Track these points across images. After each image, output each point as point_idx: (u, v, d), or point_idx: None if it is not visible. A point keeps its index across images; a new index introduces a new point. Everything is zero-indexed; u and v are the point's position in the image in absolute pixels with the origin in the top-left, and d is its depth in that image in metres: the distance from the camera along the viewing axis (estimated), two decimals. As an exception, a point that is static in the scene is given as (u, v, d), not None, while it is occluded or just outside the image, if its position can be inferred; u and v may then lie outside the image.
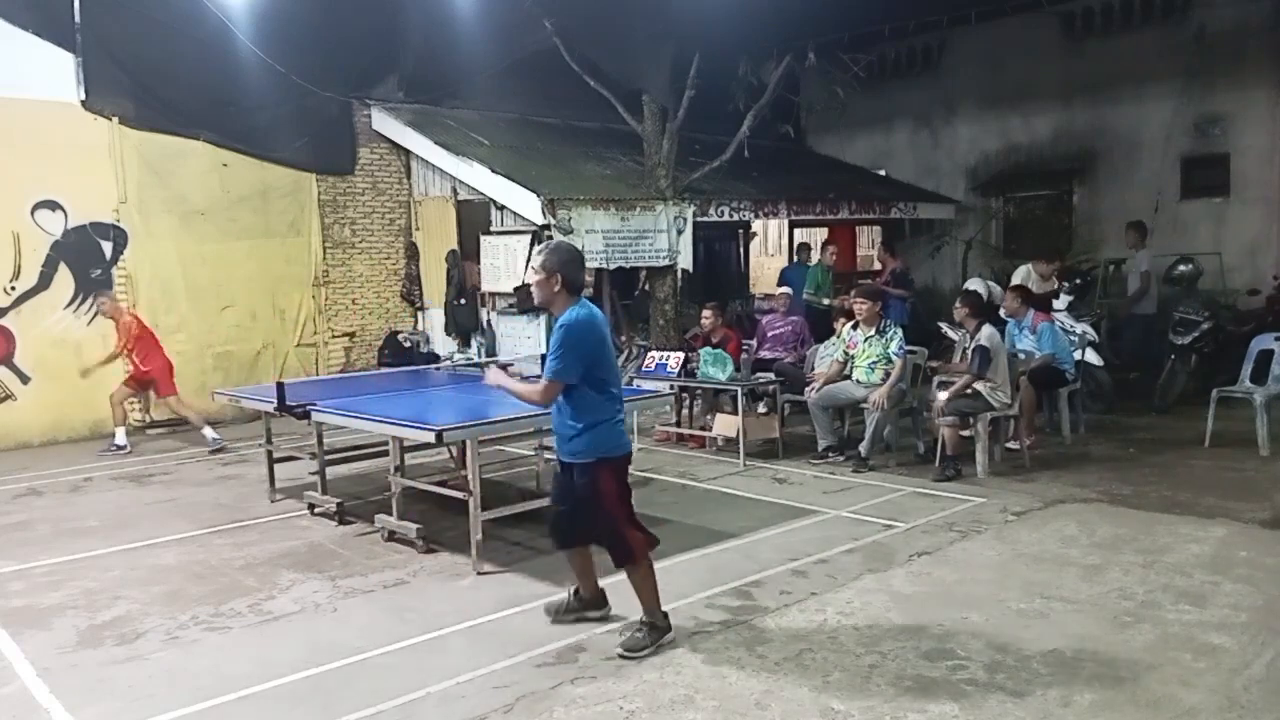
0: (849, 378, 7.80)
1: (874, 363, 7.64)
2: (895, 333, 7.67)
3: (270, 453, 7.17)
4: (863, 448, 7.48)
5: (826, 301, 11.16)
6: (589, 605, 4.51)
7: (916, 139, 15.45)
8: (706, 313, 8.98)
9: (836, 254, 12.43)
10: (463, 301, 11.62)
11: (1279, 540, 5.41)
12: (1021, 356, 7.80)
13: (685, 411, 9.07)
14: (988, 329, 7.19)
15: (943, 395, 7.18)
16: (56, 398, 9.64)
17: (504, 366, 7.79)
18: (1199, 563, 5.05)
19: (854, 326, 7.84)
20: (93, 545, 6.07)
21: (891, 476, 7.22)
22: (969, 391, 7.12)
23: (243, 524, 6.47)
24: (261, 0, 10.31)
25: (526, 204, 10.31)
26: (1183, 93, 12.36)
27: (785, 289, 10.21)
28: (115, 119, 9.91)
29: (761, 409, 8.93)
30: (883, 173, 15.52)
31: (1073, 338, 8.67)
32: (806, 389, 7.94)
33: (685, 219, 11.01)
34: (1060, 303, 9.43)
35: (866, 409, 7.50)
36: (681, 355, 8.50)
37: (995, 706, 3.54)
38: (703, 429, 8.68)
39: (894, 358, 7.55)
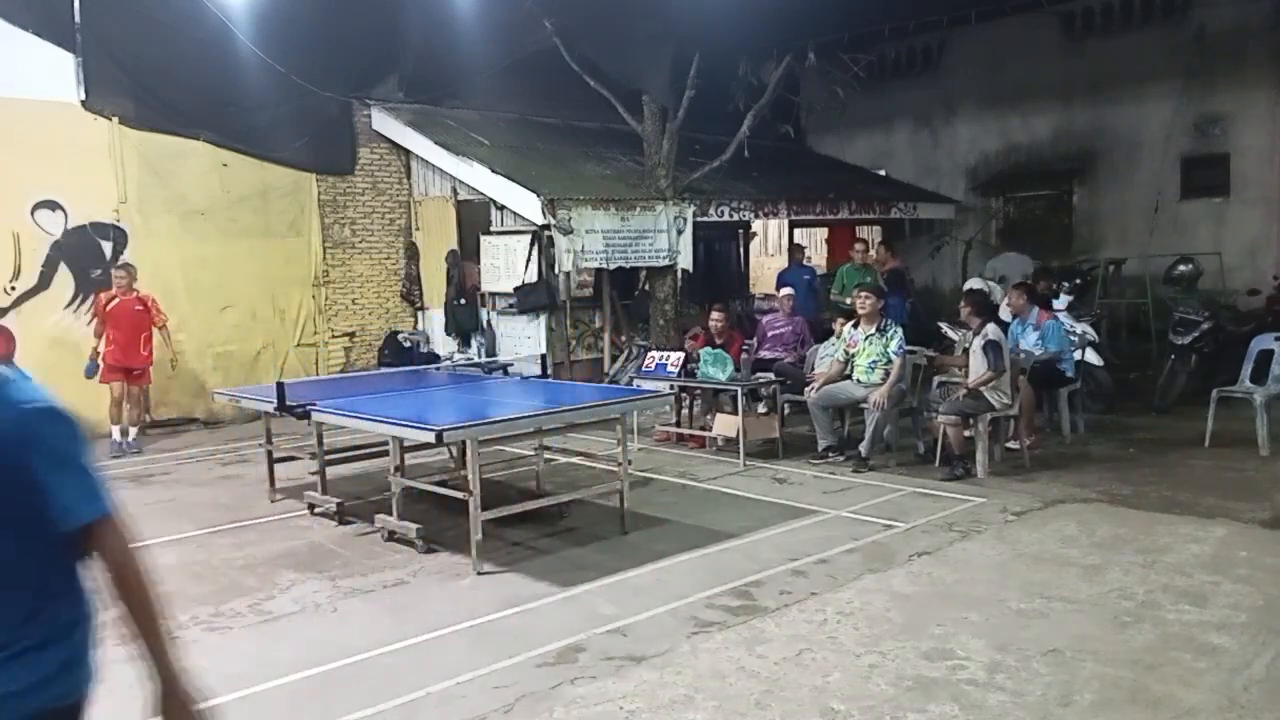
0: (849, 377, 7.80)
1: (874, 362, 7.64)
2: (895, 332, 7.67)
3: (270, 453, 7.17)
4: (863, 448, 7.48)
5: (849, 301, 11.05)
6: None
7: (916, 139, 15.45)
8: (716, 315, 8.94)
9: (866, 251, 12.27)
10: (463, 301, 11.62)
11: (1279, 540, 5.40)
12: (1022, 355, 7.80)
13: (685, 411, 9.07)
14: (993, 326, 7.21)
15: (961, 392, 7.16)
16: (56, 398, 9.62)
17: None
18: (1199, 563, 5.05)
19: (854, 326, 7.85)
20: (93, 545, 6.05)
21: (891, 476, 7.22)
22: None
23: (243, 524, 6.47)
24: (261, 0, 10.31)
25: (526, 204, 10.32)
26: (1183, 93, 12.36)
27: (788, 290, 10.20)
28: (115, 119, 9.90)
29: (761, 409, 8.93)
30: (883, 173, 15.52)
31: (1073, 338, 8.67)
32: (806, 389, 7.94)
33: (685, 219, 11.01)
34: (1060, 303, 9.43)
35: (866, 409, 7.51)
36: (681, 355, 8.50)
37: (995, 706, 3.54)
38: (703, 429, 8.68)
39: (894, 357, 7.55)
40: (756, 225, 15.20)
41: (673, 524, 6.15)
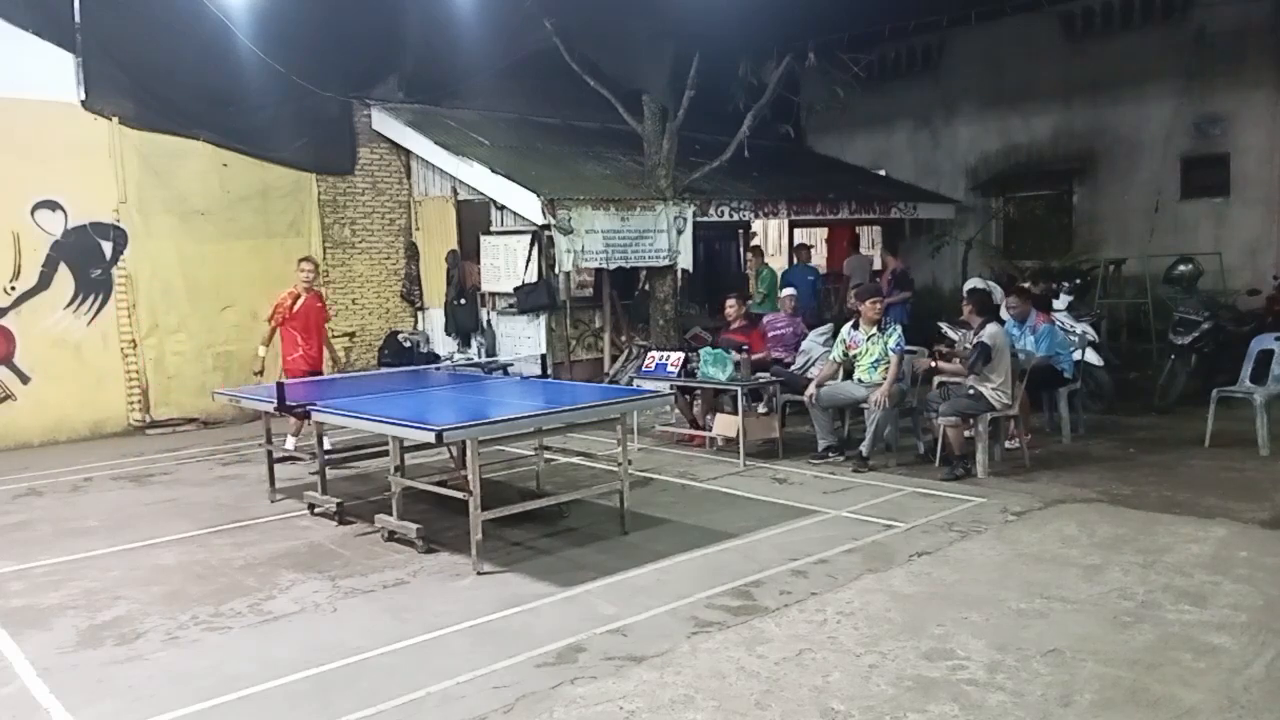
0: (848, 377, 7.80)
1: (876, 361, 7.63)
2: (895, 329, 7.67)
3: (270, 453, 7.18)
4: (864, 447, 7.47)
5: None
6: None
7: (916, 139, 15.46)
8: (731, 301, 9.08)
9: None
10: (463, 301, 11.63)
11: (1279, 540, 5.40)
12: (1022, 357, 7.80)
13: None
14: (992, 327, 7.18)
15: (935, 363, 7.17)
16: (56, 398, 9.64)
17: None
18: (1199, 563, 5.05)
19: (854, 326, 7.84)
20: (93, 545, 6.07)
21: (891, 476, 7.22)
22: (970, 392, 7.11)
23: (243, 524, 6.47)
24: (261, 0, 10.31)
25: (526, 204, 10.32)
26: (1183, 93, 12.37)
27: (789, 290, 10.19)
28: (115, 119, 9.91)
29: (761, 409, 8.93)
30: (883, 173, 15.53)
31: (1073, 338, 8.67)
32: (807, 389, 7.93)
33: (685, 219, 11.02)
34: (1060, 303, 9.43)
35: (867, 408, 7.50)
36: (681, 355, 8.51)
37: (995, 706, 3.54)
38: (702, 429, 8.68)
39: (891, 352, 7.53)
40: (756, 225, 15.20)
41: (673, 524, 6.15)
